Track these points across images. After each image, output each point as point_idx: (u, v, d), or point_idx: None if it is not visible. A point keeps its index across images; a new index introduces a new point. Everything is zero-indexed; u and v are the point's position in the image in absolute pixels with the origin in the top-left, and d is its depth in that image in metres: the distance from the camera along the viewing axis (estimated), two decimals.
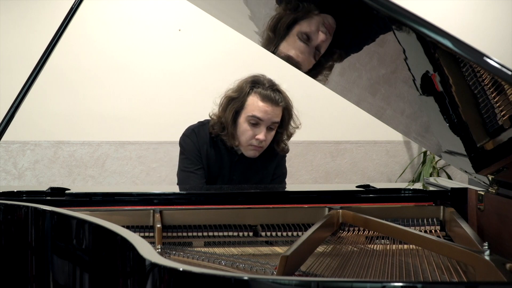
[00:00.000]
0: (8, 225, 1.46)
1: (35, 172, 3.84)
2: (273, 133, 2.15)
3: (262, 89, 2.11)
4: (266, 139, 2.12)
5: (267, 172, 2.26)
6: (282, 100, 2.13)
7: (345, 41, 1.46)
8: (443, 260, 1.35)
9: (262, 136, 2.09)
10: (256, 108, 2.08)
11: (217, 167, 2.19)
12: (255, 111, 2.08)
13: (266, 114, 2.08)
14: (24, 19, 3.75)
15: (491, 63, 1.05)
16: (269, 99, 2.09)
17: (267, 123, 2.09)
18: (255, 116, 2.07)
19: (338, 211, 1.65)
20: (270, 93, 2.10)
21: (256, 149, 2.14)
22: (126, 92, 3.87)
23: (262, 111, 2.08)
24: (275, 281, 0.94)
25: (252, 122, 2.09)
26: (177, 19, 3.89)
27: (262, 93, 2.10)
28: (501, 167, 1.42)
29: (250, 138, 2.11)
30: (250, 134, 2.10)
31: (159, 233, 1.53)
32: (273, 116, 2.10)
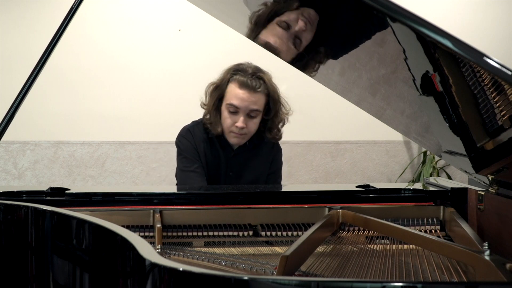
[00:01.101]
0: (8, 225, 1.46)
1: (35, 172, 3.84)
2: (255, 120, 2.14)
3: (241, 76, 2.10)
4: (247, 126, 2.11)
5: (263, 167, 2.26)
6: (261, 87, 2.11)
7: (343, 39, 1.46)
8: (443, 260, 1.35)
9: (240, 123, 2.09)
10: (234, 95, 2.08)
11: (214, 164, 2.19)
12: (232, 98, 2.09)
13: (243, 102, 2.08)
14: (24, 19, 3.75)
15: (491, 63, 1.05)
16: (246, 86, 2.08)
17: (245, 110, 2.08)
18: (232, 104, 2.08)
19: (338, 211, 1.65)
20: (249, 80, 2.09)
21: (238, 136, 2.14)
22: (126, 92, 3.87)
23: (239, 98, 2.08)
24: (275, 281, 0.94)
25: (230, 110, 2.09)
26: (177, 19, 3.89)
27: (240, 80, 2.09)
28: (501, 167, 1.42)
29: (230, 125, 2.11)
30: (229, 121, 2.11)
31: (159, 233, 1.53)
32: (250, 103, 2.08)
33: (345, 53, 1.50)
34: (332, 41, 1.51)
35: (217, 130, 2.15)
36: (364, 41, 1.36)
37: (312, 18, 1.41)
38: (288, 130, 4.05)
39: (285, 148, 4.06)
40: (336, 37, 1.49)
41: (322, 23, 1.43)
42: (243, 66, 2.15)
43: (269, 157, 2.28)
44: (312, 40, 1.47)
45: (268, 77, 2.17)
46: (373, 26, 1.27)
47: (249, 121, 2.11)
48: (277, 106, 2.19)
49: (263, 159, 2.26)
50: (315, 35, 1.45)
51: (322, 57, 1.54)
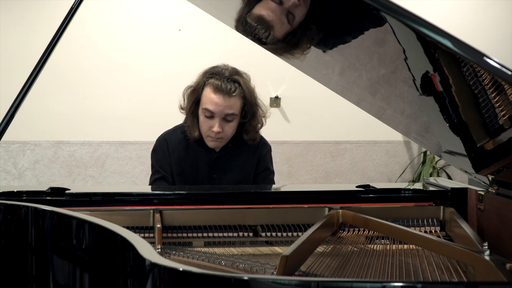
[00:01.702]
0: (8, 225, 1.46)
1: (35, 172, 3.84)
2: (232, 124, 2.11)
3: (216, 79, 2.07)
4: (224, 130, 2.09)
5: (249, 167, 2.22)
6: (236, 91, 2.07)
7: (341, 37, 1.46)
8: (443, 260, 1.35)
9: (216, 128, 2.07)
10: (208, 100, 2.06)
11: (194, 169, 2.17)
12: (207, 103, 2.06)
13: (218, 106, 2.05)
14: (24, 19, 3.75)
15: (491, 63, 1.05)
16: (220, 91, 2.05)
17: (220, 115, 2.06)
18: (207, 108, 2.06)
19: (338, 211, 1.65)
20: (223, 84, 2.06)
21: (215, 140, 2.12)
22: (126, 92, 3.88)
23: (213, 103, 2.05)
24: (275, 281, 0.94)
25: (206, 115, 2.08)
26: (177, 19, 3.90)
27: (214, 84, 2.06)
28: (501, 167, 1.42)
29: (207, 129, 2.10)
30: (206, 126, 2.09)
31: (159, 233, 1.53)
32: (225, 108, 2.06)
33: (343, 49, 1.49)
34: (327, 27, 1.50)
35: (194, 135, 2.13)
36: (364, 40, 1.37)
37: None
38: (288, 130, 4.08)
39: (285, 148, 4.09)
40: (334, 30, 1.48)
41: (318, 5, 1.43)
42: (218, 69, 2.11)
43: (254, 156, 2.24)
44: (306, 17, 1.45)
45: (244, 79, 2.13)
46: (373, 26, 1.27)
47: (225, 125, 2.09)
48: (254, 109, 2.15)
49: (248, 159, 2.22)
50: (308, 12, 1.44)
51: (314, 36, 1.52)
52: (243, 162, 2.21)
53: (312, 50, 1.60)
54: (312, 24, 1.47)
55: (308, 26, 1.48)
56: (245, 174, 2.21)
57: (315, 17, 1.46)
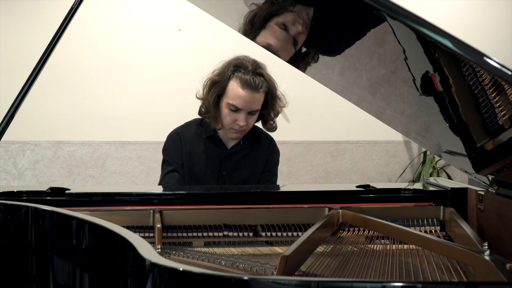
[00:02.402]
0: (8, 225, 1.46)
1: (35, 172, 3.84)
2: (255, 116, 2.14)
3: (243, 73, 2.08)
4: (248, 123, 2.11)
5: (257, 166, 2.25)
6: (263, 85, 2.09)
7: (342, 36, 1.46)
8: (443, 260, 1.35)
9: (242, 122, 2.08)
10: (236, 95, 2.07)
11: (204, 164, 2.19)
12: (234, 99, 2.07)
13: (245, 102, 2.06)
14: (24, 19, 3.75)
15: (491, 63, 1.05)
16: (249, 86, 2.05)
17: (246, 110, 2.08)
18: (234, 104, 2.07)
19: (338, 211, 1.65)
20: (251, 78, 2.06)
21: (238, 132, 2.14)
22: (126, 92, 3.87)
23: (241, 98, 2.06)
24: (275, 281, 0.94)
25: (231, 109, 2.08)
26: (177, 19, 3.89)
27: (242, 79, 2.06)
28: (501, 167, 1.42)
29: (231, 122, 2.11)
30: (230, 119, 2.10)
31: (159, 233, 1.53)
32: (252, 103, 2.08)
33: (344, 50, 1.50)
34: (330, 39, 1.51)
35: (218, 126, 2.15)
36: (364, 40, 1.37)
37: (309, 19, 1.42)
38: (288, 130, 4.07)
39: (285, 148, 4.08)
40: (335, 34, 1.49)
41: (320, 21, 1.44)
42: (242, 62, 2.12)
43: (263, 156, 2.27)
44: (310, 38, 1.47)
45: (267, 72, 2.15)
46: (373, 26, 1.27)
47: (249, 119, 2.11)
48: (275, 101, 2.18)
49: (257, 158, 2.25)
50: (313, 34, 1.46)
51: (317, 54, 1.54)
52: (252, 161, 2.23)
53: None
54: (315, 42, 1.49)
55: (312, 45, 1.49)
56: (253, 173, 2.24)
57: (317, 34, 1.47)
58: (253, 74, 2.09)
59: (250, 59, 2.15)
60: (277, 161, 2.35)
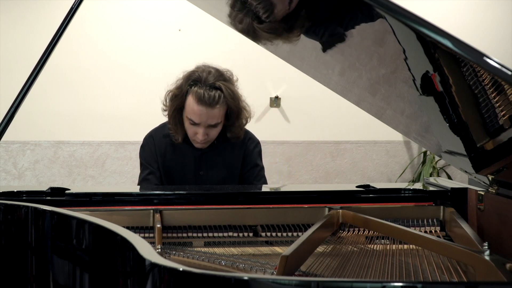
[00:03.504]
0: (8, 225, 1.46)
1: (35, 172, 3.84)
2: (217, 128, 2.10)
3: (199, 88, 2.03)
4: (209, 135, 2.09)
5: (234, 164, 2.21)
6: (219, 100, 2.03)
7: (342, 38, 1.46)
8: (443, 260, 1.35)
9: (201, 136, 2.07)
10: (191, 111, 2.04)
11: (179, 165, 2.17)
12: (190, 114, 2.05)
13: (201, 118, 2.03)
14: (24, 19, 3.75)
15: (491, 63, 1.05)
16: (203, 102, 2.01)
17: (204, 124, 2.06)
18: (191, 119, 2.05)
19: (338, 211, 1.65)
20: (207, 93, 2.01)
21: (201, 143, 2.12)
22: (126, 92, 3.87)
23: (197, 114, 2.03)
24: (275, 281, 0.94)
25: (191, 123, 2.07)
26: (177, 19, 3.90)
27: (198, 94, 2.02)
28: (501, 167, 1.42)
29: (193, 135, 2.10)
30: (191, 131, 2.09)
31: (159, 233, 1.53)
32: (208, 118, 2.04)
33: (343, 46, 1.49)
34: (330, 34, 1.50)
35: (179, 139, 2.13)
36: (364, 40, 1.37)
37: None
38: (288, 130, 4.08)
39: (285, 148, 4.09)
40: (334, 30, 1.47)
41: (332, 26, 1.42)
42: (201, 75, 2.07)
43: (240, 152, 2.21)
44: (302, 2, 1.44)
45: (227, 85, 2.07)
46: (373, 26, 1.27)
47: (210, 131, 2.08)
48: (238, 112, 2.13)
49: (233, 155, 2.21)
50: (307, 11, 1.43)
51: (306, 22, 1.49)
52: (229, 158, 2.20)
53: (312, 50, 1.60)
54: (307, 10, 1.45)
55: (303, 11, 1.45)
56: (232, 170, 2.20)
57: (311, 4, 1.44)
58: (210, 88, 2.03)
59: (211, 70, 2.09)
60: (258, 152, 2.27)
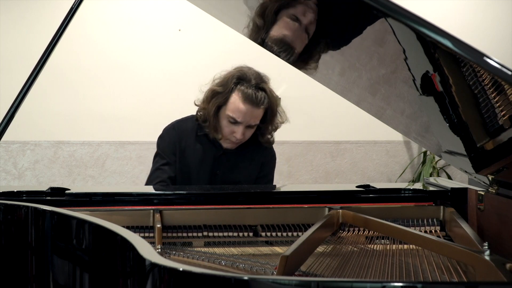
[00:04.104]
0: (8, 225, 1.46)
1: (35, 172, 3.84)
2: (253, 129, 2.13)
3: (246, 87, 2.06)
4: (245, 136, 2.11)
5: (252, 169, 2.23)
6: (265, 101, 2.07)
7: (342, 35, 1.46)
8: (443, 260, 1.35)
9: (239, 135, 2.08)
10: (236, 109, 2.05)
11: (198, 162, 2.17)
12: (235, 112, 2.05)
13: (245, 116, 2.05)
14: (24, 19, 3.75)
15: (491, 63, 1.05)
16: (250, 101, 2.04)
17: (245, 124, 2.07)
18: (233, 117, 2.06)
19: (338, 211, 1.65)
20: (253, 93, 2.04)
21: (233, 143, 2.14)
22: (126, 92, 3.87)
23: (241, 112, 2.04)
24: (275, 281, 0.94)
25: (230, 121, 2.07)
26: (177, 19, 3.89)
27: (245, 93, 2.04)
28: (501, 167, 1.42)
29: (229, 134, 2.10)
30: (228, 130, 2.10)
31: (159, 233, 1.53)
32: (251, 117, 2.07)
33: (344, 47, 1.49)
34: (332, 36, 1.51)
35: (218, 136, 2.14)
36: (364, 40, 1.37)
37: (315, 10, 1.42)
38: (288, 130, 4.06)
39: (285, 148, 4.08)
40: (336, 32, 1.49)
41: (322, 18, 1.44)
42: (246, 74, 2.09)
43: (259, 160, 2.25)
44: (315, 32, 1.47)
45: (270, 87, 2.13)
46: (373, 26, 1.27)
47: (246, 131, 2.10)
48: (274, 116, 2.17)
49: (252, 162, 2.23)
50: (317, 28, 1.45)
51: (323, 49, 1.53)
52: (248, 163, 2.21)
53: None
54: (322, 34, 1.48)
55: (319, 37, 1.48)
56: (248, 175, 2.22)
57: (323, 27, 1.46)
58: (256, 88, 2.06)
59: (254, 72, 2.12)
60: (273, 165, 2.33)
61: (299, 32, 1.47)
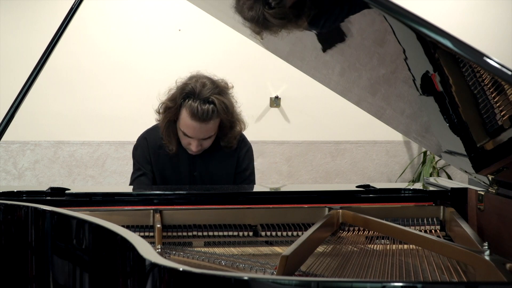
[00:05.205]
0: (8, 225, 1.46)
1: (35, 172, 3.84)
2: (210, 139, 2.11)
3: (193, 102, 2.01)
4: (202, 146, 2.09)
5: (228, 165, 2.21)
6: (213, 115, 2.01)
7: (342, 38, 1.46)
8: (443, 260, 1.35)
9: (194, 147, 2.07)
10: (185, 125, 2.03)
11: (173, 167, 2.17)
12: (185, 128, 2.04)
13: (195, 132, 2.03)
14: (24, 19, 3.75)
15: (491, 63, 1.05)
16: (197, 117, 1.99)
17: (197, 138, 2.06)
18: (185, 132, 2.05)
19: (338, 211, 1.65)
20: (200, 107, 1.99)
21: (195, 152, 2.12)
22: (126, 92, 3.87)
23: (190, 128, 2.03)
24: (275, 281, 0.94)
25: (184, 134, 2.07)
26: (177, 19, 3.90)
27: (192, 108, 2.00)
28: (501, 167, 1.42)
29: (187, 144, 2.10)
30: (185, 142, 2.09)
31: (159, 233, 1.53)
32: (202, 132, 2.04)
33: (344, 50, 1.49)
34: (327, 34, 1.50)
35: (173, 150, 2.13)
36: (364, 40, 1.36)
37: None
38: (288, 130, 4.08)
39: (285, 148, 4.09)
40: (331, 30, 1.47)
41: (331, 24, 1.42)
42: (194, 88, 2.04)
43: (234, 154, 2.21)
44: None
45: (221, 99, 2.04)
46: (373, 26, 1.27)
47: (203, 142, 2.08)
48: (232, 125, 2.13)
49: (227, 157, 2.20)
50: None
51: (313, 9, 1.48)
52: (223, 159, 2.19)
53: (312, 50, 1.60)
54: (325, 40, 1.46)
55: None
56: (226, 171, 2.20)
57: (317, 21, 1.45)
58: (204, 102, 2.00)
59: (205, 82, 2.06)
60: (250, 156, 2.27)
61: None
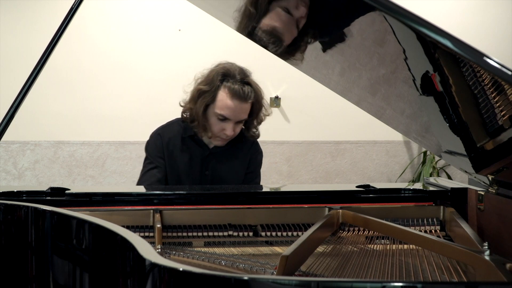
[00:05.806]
0: (8, 225, 1.46)
1: (35, 172, 3.84)
2: (241, 124, 2.14)
3: (232, 83, 2.06)
4: (234, 132, 2.11)
5: (240, 167, 2.24)
6: (251, 95, 2.07)
7: (342, 38, 1.46)
8: (443, 260, 1.35)
9: (229, 131, 2.08)
10: (225, 106, 2.05)
11: (186, 164, 2.17)
12: (223, 109, 2.06)
13: (234, 113, 2.06)
14: (24, 19, 3.76)
15: (491, 63, 1.05)
16: (238, 96, 2.04)
17: (235, 120, 2.08)
18: (223, 114, 2.06)
19: (338, 211, 1.65)
20: (240, 88, 2.05)
21: (224, 140, 2.14)
22: (126, 92, 3.88)
23: (230, 109, 2.05)
24: (275, 281, 0.94)
25: (219, 118, 2.07)
26: (177, 19, 3.90)
27: (231, 89, 2.05)
28: (501, 167, 1.42)
29: (219, 131, 2.10)
30: (218, 128, 2.10)
31: (159, 233, 1.53)
32: (240, 113, 2.07)
33: (344, 50, 1.49)
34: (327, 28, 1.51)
35: (208, 135, 2.14)
36: (364, 40, 1.37)
37: (307, 4, 1.41)
38: (288, 130, 4.08)
39: (285, 148, 4.09)
40: (331, 25, 1.48)
41: (315, 14, 1.43)
42: (229, 70, 2.09)
43: (246, 157, 2.25)
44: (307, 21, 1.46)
45: (254, 81, 2.13)
46: (373, 26, 1.27)
47: (236, 127, 2.11)
48: (260, 110, 2.17)
49: (240, 159, 2.23)
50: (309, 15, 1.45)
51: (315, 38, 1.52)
52: (236, 161, 2.22)
53: (312, 50, 1.60)
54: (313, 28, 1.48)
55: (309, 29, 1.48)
56: (237, 173, 2.22)
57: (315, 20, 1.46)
58: (242, 83, 2.07)
59: (236, 67, 2.12)
60: (260, 161, 2.33)
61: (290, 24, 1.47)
